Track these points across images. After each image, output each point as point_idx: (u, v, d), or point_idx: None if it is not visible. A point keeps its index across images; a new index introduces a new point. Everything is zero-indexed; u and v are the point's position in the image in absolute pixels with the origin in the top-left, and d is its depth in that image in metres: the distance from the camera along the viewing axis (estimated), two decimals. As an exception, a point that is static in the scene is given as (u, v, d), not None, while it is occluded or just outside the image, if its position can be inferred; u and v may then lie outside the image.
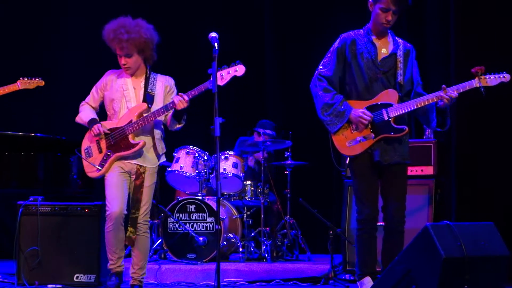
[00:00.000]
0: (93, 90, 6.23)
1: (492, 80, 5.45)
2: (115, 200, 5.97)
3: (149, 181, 6.10)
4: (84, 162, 6.11)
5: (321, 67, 5.75)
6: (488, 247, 4.99)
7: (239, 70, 5.81)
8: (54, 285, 6.71)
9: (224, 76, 5.79)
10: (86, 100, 6.25)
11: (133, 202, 6.05)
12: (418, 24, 8.31)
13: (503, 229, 5.31)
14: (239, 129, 9.42)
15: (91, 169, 6.08)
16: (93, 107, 6.22)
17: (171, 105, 5.94)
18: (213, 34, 5.53)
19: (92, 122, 6.07)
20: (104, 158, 6.03)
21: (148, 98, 6.08)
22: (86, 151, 6.11)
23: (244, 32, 10.11)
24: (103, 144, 6.05)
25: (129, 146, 6.00)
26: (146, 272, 6.20)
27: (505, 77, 5.46)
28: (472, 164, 7.52)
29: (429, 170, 7.02)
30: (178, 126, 6.20)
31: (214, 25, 6.19)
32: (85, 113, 6.16)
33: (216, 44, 5.49)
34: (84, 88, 6.31)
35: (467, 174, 7.56)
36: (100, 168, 6.01)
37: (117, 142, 6.02)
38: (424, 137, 7.22)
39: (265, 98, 10.23)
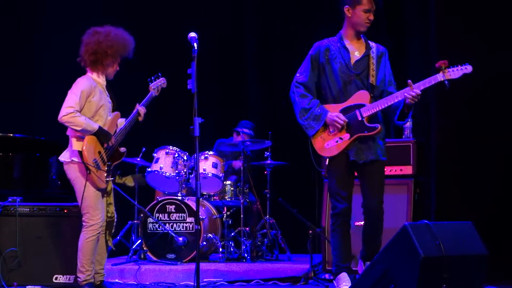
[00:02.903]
0: (79, 95, 5.98)
1: (454, 72, 5.54)
2: (101, 210, 6.11)
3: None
4: (95, 176, 6.00)
5: (297, 74, 6.02)
6: (466, 246, 5.03)
7: (165, 82, 6.65)
8: (33, 286, 6.69)
9: (158, 88, 6.57)
10: (75, 107, 5.94)
11: (108, 206, 6.29)
12: (398, 23, 8.35)
13: (481, 228, 5.35)
14: (219, 129, 9.42)
15: (101, 182, 6.06)
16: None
17: (135, 115, 6.35)
18: (193, 34, 5.54)
19: (103, 130, 6.08)
20: (108, 168, 6.14)
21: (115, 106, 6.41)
22: (95, 162, 6.03)
23: (225, 32, 10.11)
24: (104, 155, 6.13)
25: (121, 155, 6.29)
26: None
27: (467, 68, 5.55)
28: (451, 164, 7.56)
29: (408, 170, 7.05)
30: None
31: (195, 25, 6.20)
32: (88, 120, 6.02)
33: (195, 44, 5.51)
34: (65, 88, 6.17)
35: (447, 173, 7.59)
36: (109, 179, 6.16)
37: (112, 153, 6.20)
38: (403, 137, 7.24)
39: (245, 98, 10.23)
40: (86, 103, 6.05)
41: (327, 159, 5.94)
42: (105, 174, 6.10)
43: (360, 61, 5.89)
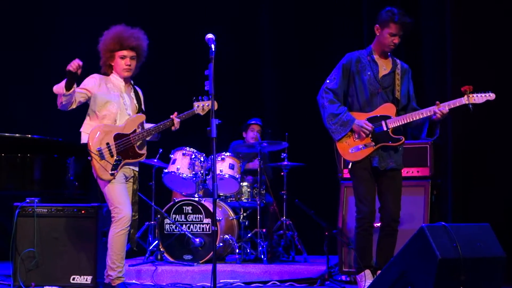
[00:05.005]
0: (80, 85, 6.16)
1: (479, 98, 5.98)
2: (126, 204, 6.14)
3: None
4: (97, 165, 6.06)
5: (327, 81, 6.29)
6: (483, 248, 5.02)
7: (216, 104, 5.96)
8: (50, 287, 6.71)
9: (204, 107, 6.32)
10: None
11: (132, 205, 6.25)
12: (415, 47, 8.42)
13: (499, 230, 5.33)
14: (235, 131, 9.42)
15: (104, 172, 6.08)
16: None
17: (168, 123, 6.32)
18: (210, 36, 5.56)
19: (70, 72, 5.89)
20: (116, 162, 6.12)
21: (141, 110, 6.40)
22: (99, 152, 6.07)
23: (241, 33, 10.11)
24: (113, 148, 6.12)
25: (136, 155, 6.25)
26: None
27: (490, 95, 5.99)
28: (468, 165, 7.55)
29: (425, 172, 7.04)
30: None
31: (211, 27, 6.23)
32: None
33: (212, 46, 5.52)
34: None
35: (463, 175, 7.59)
36: (114, 172, 6.11)
37: (126, 149, 6.18)
38: (420, 139, 7.23)
39: (261, 100, 10.23)
40: (94, 95, 6.16)
41: (351, 163, 6.18)
42: (111, 167, 6.08)
43: (387, 76, 6.21)
